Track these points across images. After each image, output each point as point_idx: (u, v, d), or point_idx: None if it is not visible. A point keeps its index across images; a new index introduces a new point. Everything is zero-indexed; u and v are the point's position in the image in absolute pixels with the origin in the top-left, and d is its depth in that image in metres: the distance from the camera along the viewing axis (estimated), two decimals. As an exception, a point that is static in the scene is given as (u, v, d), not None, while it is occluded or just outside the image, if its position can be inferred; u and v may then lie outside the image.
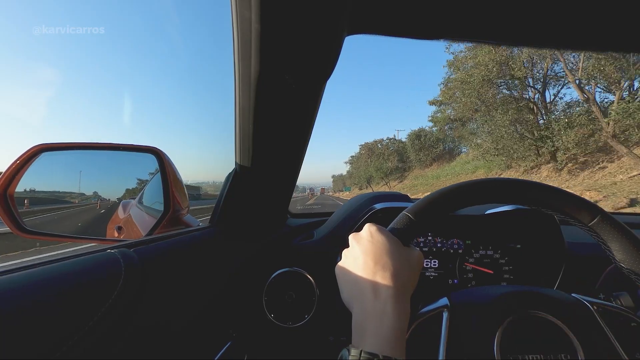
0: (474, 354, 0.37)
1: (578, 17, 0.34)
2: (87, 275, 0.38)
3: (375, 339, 0.32)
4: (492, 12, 0.33)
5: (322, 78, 0.42)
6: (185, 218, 0.81)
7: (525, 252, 0.74)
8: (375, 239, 0.39)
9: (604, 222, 0.39)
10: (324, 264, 0.68)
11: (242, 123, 0.50)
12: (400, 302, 0.35)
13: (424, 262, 0.73)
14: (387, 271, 0.36)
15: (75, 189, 1.00)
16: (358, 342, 0.33)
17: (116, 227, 1.16)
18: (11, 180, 0.68)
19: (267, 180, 0.65)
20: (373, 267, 0.37)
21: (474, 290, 0.46)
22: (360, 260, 0.38)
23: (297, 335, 0.68)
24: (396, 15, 0.34)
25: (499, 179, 0.43)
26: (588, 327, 0.37)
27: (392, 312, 0.33)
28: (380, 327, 0.33)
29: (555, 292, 0.44)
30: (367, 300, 0.35)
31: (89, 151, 0.85)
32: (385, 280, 0.36)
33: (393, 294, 0.34)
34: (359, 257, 0.38)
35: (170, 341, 0.46)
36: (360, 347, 0.31)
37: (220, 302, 0.60)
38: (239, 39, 0.36)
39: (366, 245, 0.39)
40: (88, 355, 0.33)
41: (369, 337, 0.32)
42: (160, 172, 0.77)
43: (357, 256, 0.39)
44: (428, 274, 0.76)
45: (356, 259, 0.39)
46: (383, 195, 0.85)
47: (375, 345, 0.31)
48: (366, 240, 0.39)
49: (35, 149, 0.69)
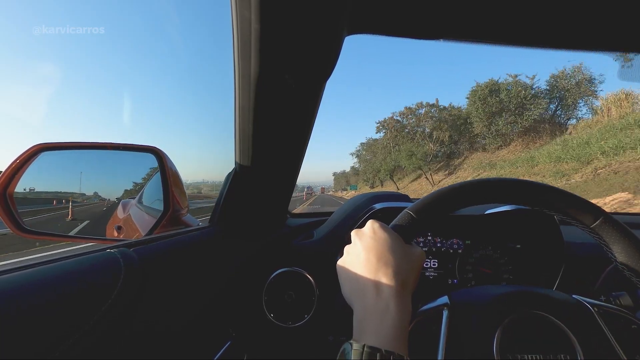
0: (474, 353, 0.37)
1: (578, 17, 0.34)
2: (86, 274, 0.38)
3: (376, 335, 0.32)
4: (492, 12, 0.33)
5: (322, 78, 0.42)
6: (185, 218, 0.81)
7: (525, 252, 0.74)
8: (377, 236, 0.39)
9: (607, 224, 0.39)
10: (323, 264, 0.68)
11: (242, 123, 0.50)
12: (402, 299, 0.35)
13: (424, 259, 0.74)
14: (389, 268, 0.36)
15: (75, 189, 1.00)
16: (359, 339, 0.33)
17: (116, 226, 1.16)
18: (11, 179, 0.68)
19: (267, 180, 0.65)
20: (375, 264, 0.37)
21: (474, 289, 0.46)
22: (363, 257, 0.38)
23: (297, 335, 0.68)
24: (396, 15, 0.34)
25: (502, 178, 0.43)
26: (588, 328, 0.37)
27: (394, 309, 0.33)
28: (381, 324, 0.33)
29: (555, 292, 0.44)
30: (369, 297, 0.35)
31: (88, 151, 0.85)
32: (387, 277, 0.35)
33: (395, 292, 0.34)
34: (361, 254, 0.38)
35: (170, 341, 0.46)
36: (362, 341, 0.31)
37: (220, 302, 0.60)
38: (239, 39, 0.36)
39: (368, 241, 0.39)
40: (88, 355, 0.33)
41: (370, 334, 0.32)
42: (160, 172, 0.77)
43: (359, 253, 0.39)
44: (428, 274, 0.76)
45: (358, 255, 0.39)
46: (383, 195, 0.86)
47: (377, 342, 0.31)
48: (368, 236, 0.39)
49: (35, 149, 0.69)
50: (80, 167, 0.94)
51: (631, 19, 0.33)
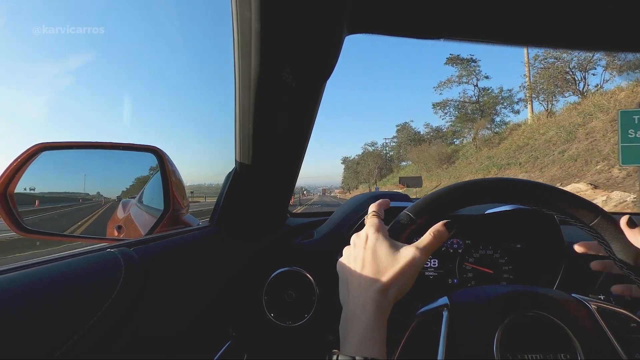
0: (474, 353, 0.37)
1: (578, 16, 0.34)
2: (87, 274, 0.38)
3: (353, 339, 0.33)
4: (492, 11, 0.33)
5: (322, 78, 0.42)
6: (185, 217, 0.82)
7: (525, 251, 0.74)
8: (368, 244, 0.39)
9: (605, 223, 0.39)
10: (324, 264, 0.68)
11: (242, 122, 0.50)
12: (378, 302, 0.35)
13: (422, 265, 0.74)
14: (371, 274, 0.36)
15: (75, 188, 1.00)
16: (341, 345, 0.34)
17: (116, 226, 1.16)
18: (11, 179, 0.68)
19: (267, 180, 0.65)
20: (359, 271, 0.37)
21: (474, 289, 0.46)
22: (353, 264, 0.39)
23: (297, 334, 0.68)
24: (396, 15, 0.34)
25: (501, 178, 0.43)
26: (588, 327, 0.37)
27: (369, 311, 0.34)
28: (356, 327, 0.34)
29: (555, 292, 0.44)
30: (349, 303, 0.36)
31: (88, 150, 0.85)
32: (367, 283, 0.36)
33: (372, 296, 0.35)
34: (353, 261, 0.39)
35: (170, 340, 0.46)
36: (343, 349, 0.33)
37: (220, 302, 0.60)
38: (239, 39, 0.36)
39: (360, 250, 0.39)
40: (88, 355, 0.33)
41: (348, 339, 0.34)
42: (160, 172, 0.77)
43: (351, 258, 0.40)
44: (428, 274, 0.76)
45: (350, 261, 0.39)
46: (383, 195, 0.86)
47: (353, 346, 0.32)
48: (361, 246, 0.40)
49: (35, 148, 0.69)
50: (81, 166, 0.94)
51: (631, 19, 0.33)
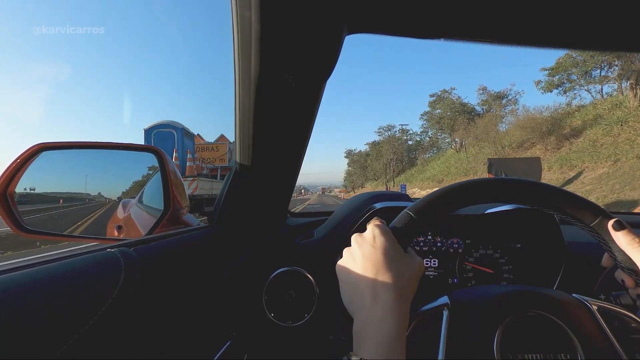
0: (474, 353, 0.37)
1: (578, 16, 0.34)
2: (87, 274, 0.38)
3: (374, 346, 0.32)
4: (492, 11, 0.33)
5: (322, 78, 0.42)
6: (185, 217, 0.82)
7: (525, 251, 0.74)
8: (377, 244, 0.38)
9: (606, 223, 0.39)
10: (324, 263, 0.68)
11: (242, 122, 0.50)
12: (400, 309, 0.34)
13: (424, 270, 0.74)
14: (388, 277, 0.36)
15: (76, 188, 1.00)
16: (357, 349, 0.33)
17: (116, 226, 1.16)
18: (11, 179, 0.68)
19: (267, 180, 0.65)
20: (373, 273, 0.37)
21: (474, 289, 0.46)
22: (361, 264, 0.38)
23: (297, 334, 0.68)
24: (396, 15, 0.34)
25: (502, 178, 0.43)
26: (588, 327, 0.37)
27: (392, 319, 0.33)
28: (378, 334, 0.33)
29: (555, 291, 0.44)
30: (367, 307, 0.35)
31: (88, 150, 0.85)
32: (385, 287, 0.35)
33: (392, 301, 0.34)
34: (360, 261, 0.38)
35: (170, 340, 0.46)
36: (360, 353, 0.32)
37: (220, 301, 0.60)
38: (239, 39, 0.36)
39: (368, 249, 0.38)
40: (88, 355, 0.33)
41: (368, 344, 0.33)
42: (160, 171, 0.77)
43: (358, 258, 0.39)
44: (428, 274, 0.75)
45: (357, 261, 0.39)
46: (383, 195, 0.85)
47: (374, 352, 0.31)
48: (368, 244, 0.39)
49: (35, 148, 0.69)
50: (81, 166, 0.94)
51: (631, 19, 0.33)
